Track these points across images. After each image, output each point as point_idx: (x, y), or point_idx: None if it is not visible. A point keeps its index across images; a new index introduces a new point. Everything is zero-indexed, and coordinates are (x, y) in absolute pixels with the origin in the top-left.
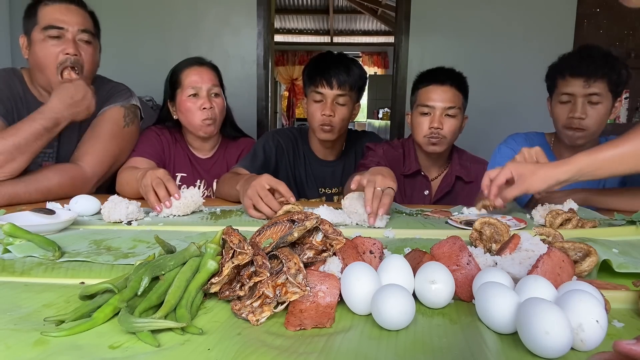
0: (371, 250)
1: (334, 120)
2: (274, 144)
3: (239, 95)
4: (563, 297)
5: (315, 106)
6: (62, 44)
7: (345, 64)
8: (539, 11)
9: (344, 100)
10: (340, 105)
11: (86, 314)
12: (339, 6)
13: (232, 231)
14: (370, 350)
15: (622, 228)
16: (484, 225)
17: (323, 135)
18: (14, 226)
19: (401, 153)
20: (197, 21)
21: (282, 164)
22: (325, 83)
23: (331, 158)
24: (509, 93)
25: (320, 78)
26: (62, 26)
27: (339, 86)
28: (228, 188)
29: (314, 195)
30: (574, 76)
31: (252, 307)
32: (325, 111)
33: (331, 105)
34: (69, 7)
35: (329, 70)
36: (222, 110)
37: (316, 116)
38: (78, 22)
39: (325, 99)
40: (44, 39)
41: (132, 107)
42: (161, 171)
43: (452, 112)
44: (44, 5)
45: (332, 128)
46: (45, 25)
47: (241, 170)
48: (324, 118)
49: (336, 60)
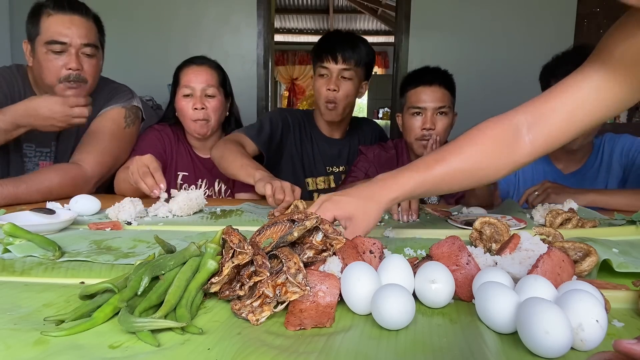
0: (371, 250)
1: (338, 95)
2: (281, 119)
3: (238, 95)
4: (563, 297)
5: (320, 81)
6: (64, 59)
7: (352, 40)
8: (539, 11)
9: (349, 74)
10: (346, 80)
11: (86, 314)
12: (339, 6)
13: (232, 231)
14: (370, 350)
15: (622, 228)
16: (484, 225)
17: (328, 115)
18: (14, 226)
19: (394, 154)
20: (197, 21)
21: (288, 141)
22: (330, 58)
23: (337, 136)
24: (509, 93)
25: (326, 53)
26: (65, 41)
27: (344, 61)
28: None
29: (321, 174)
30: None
31: (252, 307)
32: (330, 85)
33: (336, 80)
34: (73, 19)
35: (335, 45)
36: (217, 110)
37: (321, 92)
38: (81, 35)
39: (330, 74)
40: (47, 52)
41: (134, 108)
42: (147, 157)
43: (443, 110)
44: (47, 15)
45: (336, 106)
46: (48, 40)
47: (245, 139)
48: (329, 93)
49: (343, 37)
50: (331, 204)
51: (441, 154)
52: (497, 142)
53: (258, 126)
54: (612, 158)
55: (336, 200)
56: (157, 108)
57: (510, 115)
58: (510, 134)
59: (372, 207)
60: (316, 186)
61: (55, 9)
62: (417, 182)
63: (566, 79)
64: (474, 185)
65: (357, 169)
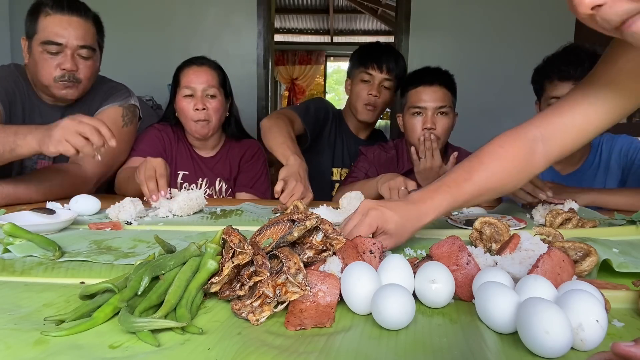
0: (371, 250)
1: (378, 101)
2: (324, 109)
3: (238, 95)
4: (563, 297)
5: (362, 86)
6: (59, 59)
7: (395, 54)
8: (539, 11)
9: (389, 84)
10: (385, 89)
11: (86, 314)
12: (339, 6)
13: (232, 231)
14: (370, 350)
15: (622, 228)
16: (484, 224)
17: (365, 115)
18: (14, 226)
19: (394, 154)
20: (197, 21)
21: (325, 129)
22: (376, 66)
23: (362, 137)
24: (509, 93)
25: (371, 62)
26: (61, 42)
27: (387, 71)
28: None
29: (346, 166)
30: (563, 80)
31: (252, 307)
32: (372, 91)
33: (378, 87)
34: (71, 20)
35: (381, 55)
36: (217, 111)
37: (362, 95)
38: (78, 36)
39: (373, 81)
40: (43, 51)
41: (131, 107)
42: (157, 161)
43: (443, 110)
44: (46, 14)
45: (374, 109)
46: (44, 40)
47: (295, 116)
48: (370, 97)
49: (387, 49)
50: (378, 213)
51: (468, 172)
52: (517, 159)
53: (305, 107)
54: (611, 158)
55: (382, 212)
56: (157, 108)
57: (525, 130)
58: (528, 150)
59: (410, 226)
60: (340, 177)
61: (54, 9)
62: (449, 203)
63: (575, 92)
64: (495, 198)
65: (357, 169)
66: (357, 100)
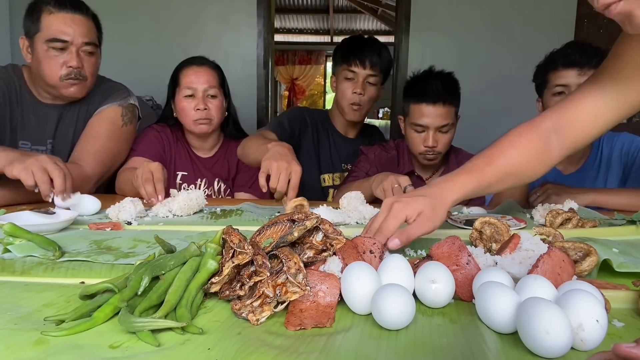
0: (371, 250)
1: (363, 99)
2: (299, 118)
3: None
4: (563, 297)
5: (346, 84)
6: (65, 56)
7: (378, 47)
8: (539, 11)
9: (374, 80)
10: (370, 85)
11: (86, 314)
12: (339, 6)
13: (232, 231)
14: (370, 350)
15: (622, 228)
16: (484, 224)
17: (352, 115)
18: (14, 226)
19: (394, 154)
20: (196, 21)
21: (306, 139)
22: (358, 62)
23: (352, 136)
24: (509, 93)
25: (354, 58)
26: (66, 39)
27: (371, 66)
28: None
29: (337, 170)
30: (567, 66)
31: (252, 307)
32: (357, 89)
33: (362, 84)
34: (74, 17)
35: (363, 50)
36: (218, 110)
37: (347, 94)
38: (82, 33)
39: (357, 78)
40: (48, 49)
41: (130, 107)
42: (154, 165)
43: (445, 128)
44: (49, 12)
45: (361, 107)
46: (49, 37)
47: (268, 132)
48: (354, 96)
49: (370, 43)
50: (401, 205)
51: (489, 157)
52: (535, 146)
53: (278, 122)
54: (612, 156)
55: (405, 202)
56: (157, 108)
57: (538, 122)
58: (543, 139)
59: (440, 205)
60: (332, 182)
61: (56, 7)
62: (473, 185)
63: (584, 86)
64: (516, 185)
65: (357, 169)
66: (342, 100)
